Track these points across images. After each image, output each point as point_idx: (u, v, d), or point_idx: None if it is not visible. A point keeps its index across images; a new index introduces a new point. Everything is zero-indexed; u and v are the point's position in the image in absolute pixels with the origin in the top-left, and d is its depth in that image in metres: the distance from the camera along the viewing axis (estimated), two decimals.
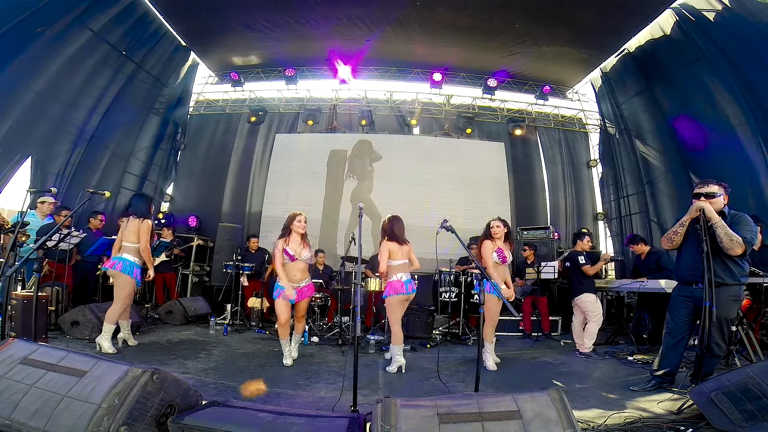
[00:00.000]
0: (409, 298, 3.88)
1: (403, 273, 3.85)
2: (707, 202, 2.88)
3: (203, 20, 7.15)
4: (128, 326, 4.06)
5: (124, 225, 3.97)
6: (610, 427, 2.33)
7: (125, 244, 3.87)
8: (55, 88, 5.83)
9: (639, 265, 5.36)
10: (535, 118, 9.39)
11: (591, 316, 4.62)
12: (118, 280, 3.83)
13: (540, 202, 9.10)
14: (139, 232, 3.86)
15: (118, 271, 3.80)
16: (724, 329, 2.94)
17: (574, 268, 4.85)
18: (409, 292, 3.82)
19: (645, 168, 7.95)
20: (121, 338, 4.01)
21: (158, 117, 8.10)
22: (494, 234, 4.02)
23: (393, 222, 3.96)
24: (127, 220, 3.98)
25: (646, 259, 5.28)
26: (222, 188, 8.86)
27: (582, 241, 4.97)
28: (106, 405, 1.75)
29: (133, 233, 3.86)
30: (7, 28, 4.93)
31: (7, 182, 5.49)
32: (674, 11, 6.24)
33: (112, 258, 3.90)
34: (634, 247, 5.43)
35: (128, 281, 3.82)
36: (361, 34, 7.44)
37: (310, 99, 9.27)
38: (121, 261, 3.81)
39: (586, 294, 4.69)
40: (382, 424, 1.74)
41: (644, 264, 5.25)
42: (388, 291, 3.85)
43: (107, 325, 3.72)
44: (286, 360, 3.75)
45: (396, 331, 3.79)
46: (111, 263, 3.87)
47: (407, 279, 3.85)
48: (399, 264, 3.86)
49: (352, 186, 8.59)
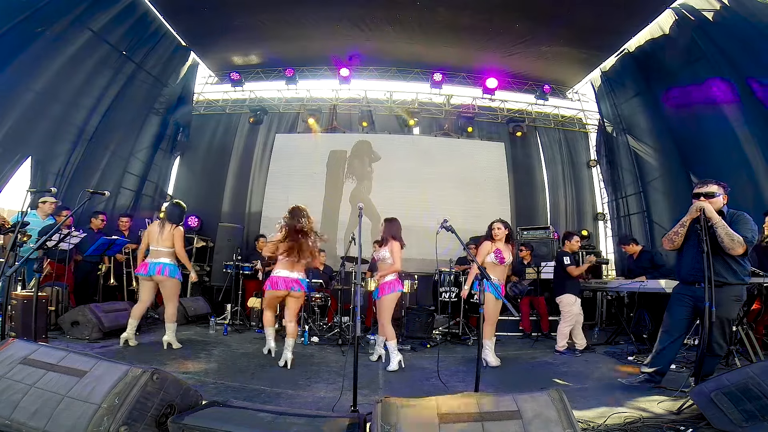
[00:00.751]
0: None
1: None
2: (707, 201, 2.88)
3: (203, 20, 7.15)
4: (136, 325, 4.10)
5: (157, 231, 4.09)
6: (610, 427, 2.32)
7: (161, 249, 4.04)
8: (55, 88, 5.83)
9: (632, 265, 5.42)
10: (535, 118, 9.39)
11: (564, 315, 4.68)
12: (167, 283, 4.07)
13: (540, 202, 9.10)
14: (174, 238, 4.11)
15: (166, 276, 4.02)
16: (725, 329, 2.94)
17: (559, 268, 4.89)
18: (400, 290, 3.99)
19: (644, 168, 7.95)
20: (124, 338, 3.99)
21: (158, 117, 8.09)
22: (495, 236, 4.10)
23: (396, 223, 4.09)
24: (160, 226, 4.12)
25: (638, 258, 5.36)
26: (222, 188, 8.87)
27: (570, 242, 4.99)
28: (106, 405, 1.75)
29: (168, 239, 4.07)
30: (7, 28, 4.92)
31: (7, 182, 5.49)
32: (674, 11, 6.24)
33: (150, 264, 4.01)
34: (626, 248, 5.50)
35: (177, 283, 4.14)
36: (361, 34, 7.44)
37: (310, 99, 9.27)
38: (167, 266, 4.03)
39: (567, 295, 4.73)
40: (382, 424, 1.74)
41: (637, 263, 5.34)
42: (390, 289, 3.86)
43: (170, 324, 4.08)
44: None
45: (391, 329, 3.86)
46: (158, 269, 3.99)
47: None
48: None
49: (351, 186, 8.60)
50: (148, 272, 4.00)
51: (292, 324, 3.78)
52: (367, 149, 8.85)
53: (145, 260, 4.07)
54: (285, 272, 3.73)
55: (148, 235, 4.14)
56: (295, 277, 3.74)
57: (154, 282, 4.06)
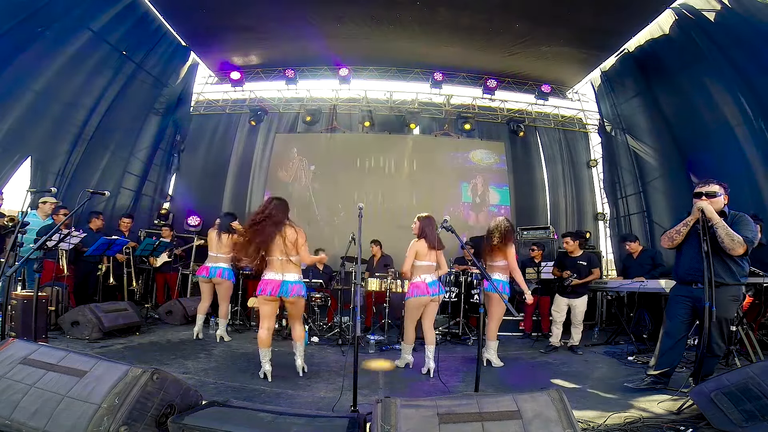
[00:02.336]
0: (433, 300, 3.70)
1: (427, 274, 3.70)
2: (708, 201, 2.87)
3: (203, 20, 7.15)
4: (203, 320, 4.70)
5: (215, 239, 4.62)
6: (610, 427, 2.33)
7: (220, 255, 4.58)
8: (55, 88, 5.82)
9: (631, 264, 5.42)
10: (535, 118, 9.39)
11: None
12: (224, 284, 4.63)
13: (540, 202, 9.10)
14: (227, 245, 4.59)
15: (224, 278, 4.58)
16: (723, 329, 2.94)
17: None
18: (432, 294, 3.65)
19: (644, 168, 7.95)
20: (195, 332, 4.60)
21: (158, 117, 8.08)
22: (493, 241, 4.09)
23: (425, 222, 3.79)
24: (218, 235, 4.62)
25: (639, 257, 5.35)
26: (222, 188, 8.86)
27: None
28: (106, 405, 1.75)
29: (226, 246, 4.55)
30: (7, 28, 4.92)
31: (7, 182, 5.49)
32: (674, 11, 6.24)
33: (210, 268, 4.55)
34: (629, 245, 5.48)
35: (231, 285, 4.75)
36: (361, 33, 7.44)
37: (310, 99, 9.26)
38: (225, 270, 4.58)
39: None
40: (382, 424, 1.75)
41: (637, 262, 5.35)
42: (410, 292, 3.73)
43: (222, 320, 4.69)
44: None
45: (409, 332, 3.79)
46: (218, 273, 4.52)
47: (432, 281, 3.70)
48: (424, 265, 3.71)
49: (351, 186, 8.58)
50: (209, 275, 4.54)
51: (297, 326, 3.44)
52: (368, 149, 8.86)
53: (205, 264, 4.65)
54: (271, 274, 3.24)
55: (208, 242, 4.76)
56: (280, 279, 3.21)
57: (212, 283, 4.62)
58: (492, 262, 4.05)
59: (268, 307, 3.30)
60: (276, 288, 3.20)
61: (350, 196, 8.32)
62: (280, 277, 3.23)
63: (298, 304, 3.39)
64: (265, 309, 3.32)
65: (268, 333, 3.30)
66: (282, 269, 3.24)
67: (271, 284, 3.21)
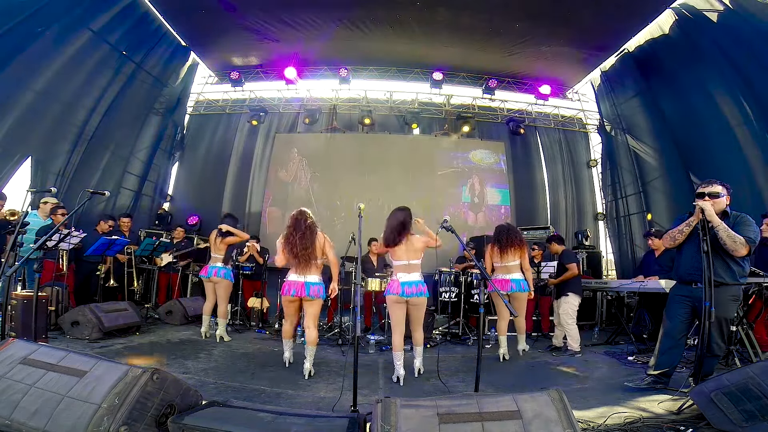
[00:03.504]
0: (409, 302, 3.48)
1: (404, 273, 3.52)
2: (711, 202, 2.86)
3: (203, 20, 7.14)
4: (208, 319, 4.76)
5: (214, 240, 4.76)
6: (610, 427, 2.33)
7: (217, 255, 4.72)
8: (55, 88, 5.82)
9: (651, 261, 5.24)
10: (535, 118, 9.39)
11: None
12: (222, 284, 4.67)
13: (540, 202, 9.11)
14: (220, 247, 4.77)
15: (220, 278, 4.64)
16: (723, 329, 2.93)
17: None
18: (402, 294, 3.42)
19: (644, 168, 7.95)
20: (203, 332, 4.66)
21: (158, 117, 8.09)
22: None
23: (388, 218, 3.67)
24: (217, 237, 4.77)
25: (661, 255, 5.11)
26: (222, 188, 8.86)
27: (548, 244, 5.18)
28: (106, 405, 1.75)
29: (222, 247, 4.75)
30: (7, 28, 4.92)
31: (7, 182, 5.49)
32: (674, 11, 6.24)
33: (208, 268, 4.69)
34: (652, 241, 5.31)
35: (229, 284, 4.78)
36: (361, 34, 7.44)
37: (310, 99, 9.26)
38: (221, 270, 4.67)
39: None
40: (382, 424, 1.75)
41: (658, 261, 5.09)
42: (386, 290, 3.73)
43: (221, 320, 4.67)
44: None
45: (394, 337, 3.52)
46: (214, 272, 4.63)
47: (407, 281, 3.47)
48: (399, 264, 3.57)
49: (351, 186, 8.59)
50: (207, 275, 4.65)
51: (311, 330, 3.48)
52: (367, 149, 8.86)
53: (206, 264, 4.79)
54: (294, 276, 3.48)
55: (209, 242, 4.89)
56: (302, 281, 3.42)
57: (213, 283, 4.67)
58: (506, 262, 4.28)
59: (292, 306, 3.58)
60: (300, 289, 3.43)
61: (350, 197, 8.32)
62: (303, 279, 3.47)
63: (317, 304, 3.59)
64: (289, 308, 3.60)
65: (291, 326, 3.66)
66: (305, 271, 3.48)
67: (295, 285, 3.45)
